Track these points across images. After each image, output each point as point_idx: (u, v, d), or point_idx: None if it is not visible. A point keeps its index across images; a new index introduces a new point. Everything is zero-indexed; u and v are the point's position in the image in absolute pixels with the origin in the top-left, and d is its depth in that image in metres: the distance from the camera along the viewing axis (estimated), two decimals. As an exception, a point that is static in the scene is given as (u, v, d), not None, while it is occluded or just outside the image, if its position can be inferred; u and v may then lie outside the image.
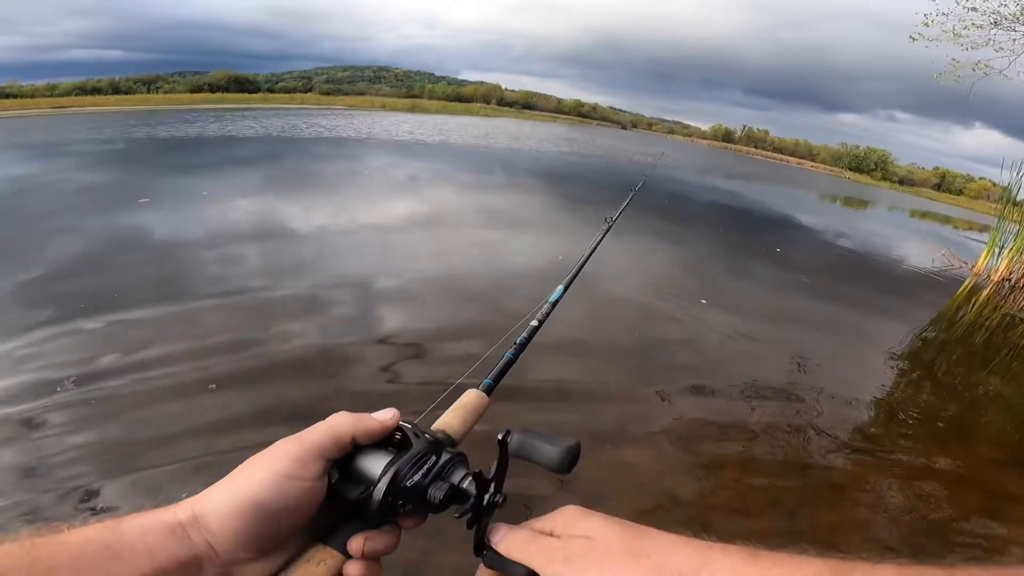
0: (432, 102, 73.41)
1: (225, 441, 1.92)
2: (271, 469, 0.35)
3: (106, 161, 8.63)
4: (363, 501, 0.36)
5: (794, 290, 5.05)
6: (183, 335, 2.66)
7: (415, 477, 0.38)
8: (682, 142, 77.39)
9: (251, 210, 5.48)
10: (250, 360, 2.48)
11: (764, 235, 8.26)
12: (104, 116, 21.23)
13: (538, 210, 7.31)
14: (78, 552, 0.29)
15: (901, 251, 8.76)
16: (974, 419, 2.97)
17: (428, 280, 3.77)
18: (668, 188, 12.20)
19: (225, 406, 2.12)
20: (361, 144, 14.37)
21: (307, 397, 2.24)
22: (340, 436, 0.38)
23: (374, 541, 0.37)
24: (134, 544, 0.31)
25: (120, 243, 4.11)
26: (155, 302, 2.99)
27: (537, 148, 18.91)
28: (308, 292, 3.33)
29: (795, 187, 22.60)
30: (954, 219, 21.06)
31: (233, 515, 0.33)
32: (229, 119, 19.76)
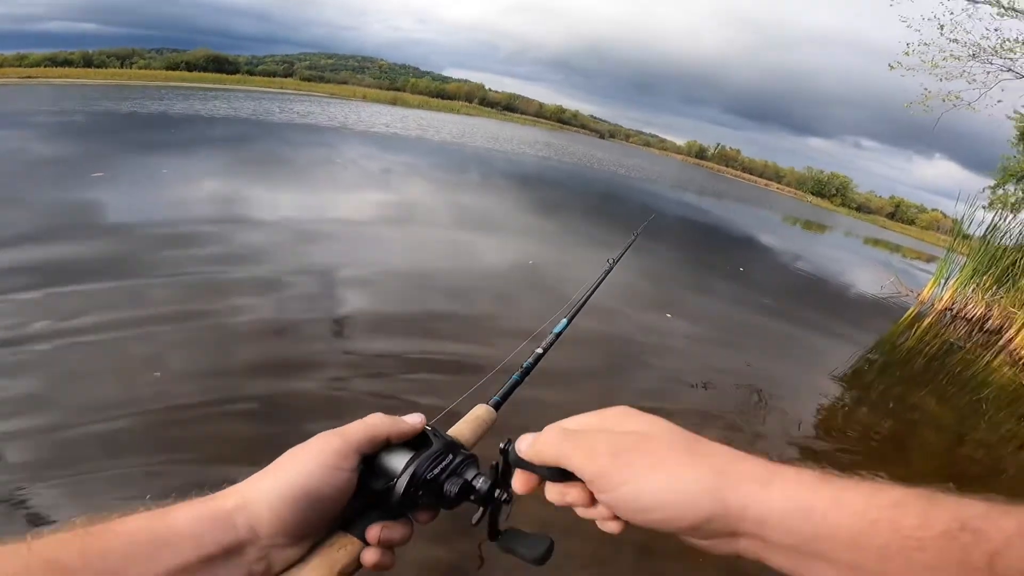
0: (414, 96, 72.61)
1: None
2: (318, 460, 0.37)
3: (62, 134, 8.21)
4: (386, 492, 0.40)
5: (753, 309, 5.25)
6: (120, 307, 2.59)
7: (434, 472, 0.41)
8: (657, 155, 79.08)
9: (202, 193, 5.31)
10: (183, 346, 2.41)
11: (730, 253, 8.57)
12: (70, 88, 20.26)
13: (509, 213, 7.37)
14: (128, 540, 0.31)
15: (853, 277, 9.18)
16: (910, 437, 3.18)
17: (392, 278, 3.75)
18: (642, 200, 12.50)
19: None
20: (334, 133, 14.12)
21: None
22: (376, 434, 0.41)
23: (390, 530, 0.39)
24: (182, 531, 0.32)
25: (66, 216, 3.94)
26: (92, 277, 2.89)
27: (516, 151, 19.00)
28: (256, 277, 3.27)
29: (761, 207, 23.48)
30: (903, 248, 22.27)
31: (283, 501, 0.35)
32: (199, 98, 19.05)
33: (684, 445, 0.34)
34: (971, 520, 0.27)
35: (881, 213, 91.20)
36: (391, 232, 5.10)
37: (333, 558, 0.37)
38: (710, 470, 0.32)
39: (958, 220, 8.22)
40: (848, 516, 0.29)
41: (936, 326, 6.65)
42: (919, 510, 0.28)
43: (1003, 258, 7.05)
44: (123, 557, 0.30)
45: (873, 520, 0.28)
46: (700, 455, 0.33)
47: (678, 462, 0.32)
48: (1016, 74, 9.53)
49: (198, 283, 3.09)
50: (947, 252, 8.09)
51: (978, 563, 0.26)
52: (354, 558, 0.38)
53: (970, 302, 7.40)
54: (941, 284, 7.98)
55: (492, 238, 5.62)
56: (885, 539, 0.28)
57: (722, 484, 0.31)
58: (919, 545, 0.27)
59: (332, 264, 3.78)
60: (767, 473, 0.32)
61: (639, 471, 0.33)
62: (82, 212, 4.13)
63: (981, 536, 0.26)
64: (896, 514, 0.28)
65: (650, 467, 0.33)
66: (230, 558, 0.34)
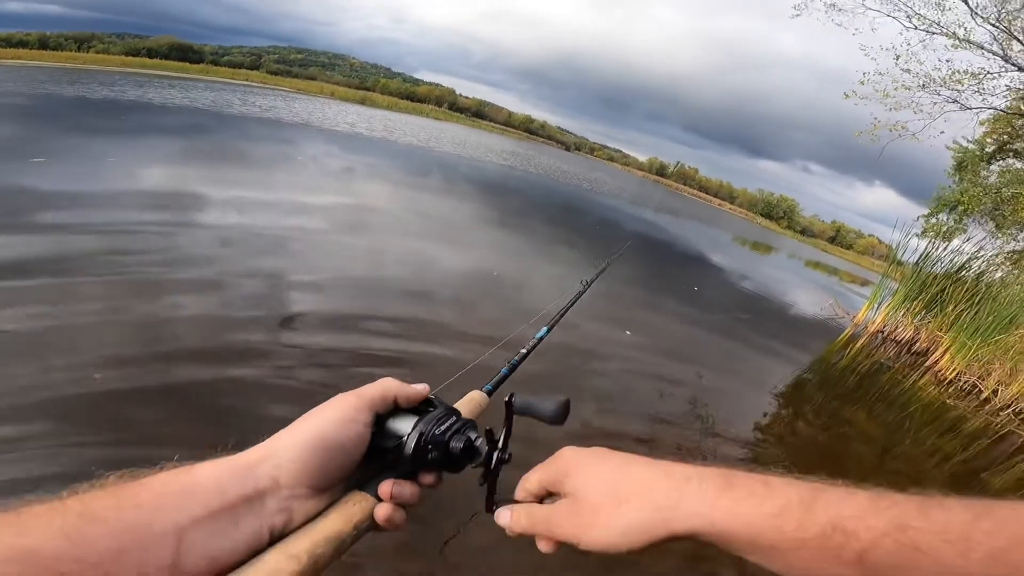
0: (384, 97, 71.64)
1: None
2: (336, 412, 0.41)
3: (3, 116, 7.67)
4: (397, 449, 0.43)
5: (704, 327, 5.44)
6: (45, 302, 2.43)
7: (440, 428, 0.45)
8: (619, 170, 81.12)
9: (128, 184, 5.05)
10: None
11: (685, 270, 8.85)
12: (21, 70, 18.93)
13: (473, 220, 7.36)
14: (158, 491, 0.33)
15: (795, 298, 9.68)
16: (843, 449, 3.39)
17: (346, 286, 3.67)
18: (601, 215, 12.78)
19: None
20: (293, 129, 13.71)
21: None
22: (387, 394, 0.44)
23: (401, 487, 0.43)
24: (207, 484, 0.35)
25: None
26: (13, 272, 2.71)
27: (482, 159, 19.02)
28: (195, 276, 3.13)
29: (715, 227, 24.49)
30: (841, 271, 23.75)
31: (304, 448, 0.39)
32: (155, 86, 18.10)
33: (612, 497, 0.40)
34: (844, 521, 0.32)
35: (823, 237, 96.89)
36: (333, 236, 4.98)
37: (349, 512, 0.40)
38: (631, 516, 0.38)
39: (893, 247, 8.71)
40: (740, 526, 0.35)
41: (868, 347, 7.08)
42: (798, 516, 0.33)
43: (932, 285, 7.55)
44: (154, 508, 0.32)
45: (760, 528, 0.34)
46: (619, 503, 0.39)
47: (607, 518, 0.39)
48: (961, 106, 10.23)
49: (133, 280, 2.92)
50: (882, 277, 8.59)
51: (849, 559, 0.31)
52: (367, 514, 0.41)
53: (900, 325, 7.93)
54: (875, 308, 8.47)
55: (452, 247, 5.58)
56: (772, 540, 0.34)
57: (644, 522, 0.38)
58: (800, 544, 0.33)
59: (268, 264, 3.67)
60: (675, 497, 0.38)
61: (589, 533, 0.40)
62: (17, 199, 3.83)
63: (851, 536, 0.31)
64: (778, 522, 0.34)
65: (592, 528, 0.39)
66: (251, 508, 0.36)
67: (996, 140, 11.94)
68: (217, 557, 0.33)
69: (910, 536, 0.30)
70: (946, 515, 0.30)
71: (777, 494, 0.35)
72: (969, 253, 7.67)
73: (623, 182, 37.95)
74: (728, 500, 0.36)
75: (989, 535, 0.28)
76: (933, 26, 9.85)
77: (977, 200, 11.07)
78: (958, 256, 7.68)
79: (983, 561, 0.28)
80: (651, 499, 0.38)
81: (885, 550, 0.30)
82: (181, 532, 0.32)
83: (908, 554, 0.30)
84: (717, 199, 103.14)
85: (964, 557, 0.28)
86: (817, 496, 0.34)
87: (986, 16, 9.30)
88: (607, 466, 0.42)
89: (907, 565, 0.30)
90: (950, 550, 0.29)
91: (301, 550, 0.36)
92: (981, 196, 11.12)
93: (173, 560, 0.31)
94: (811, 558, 0.32)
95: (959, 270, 7.56)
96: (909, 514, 0.31)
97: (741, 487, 0.36)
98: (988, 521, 0.29)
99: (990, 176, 12.03)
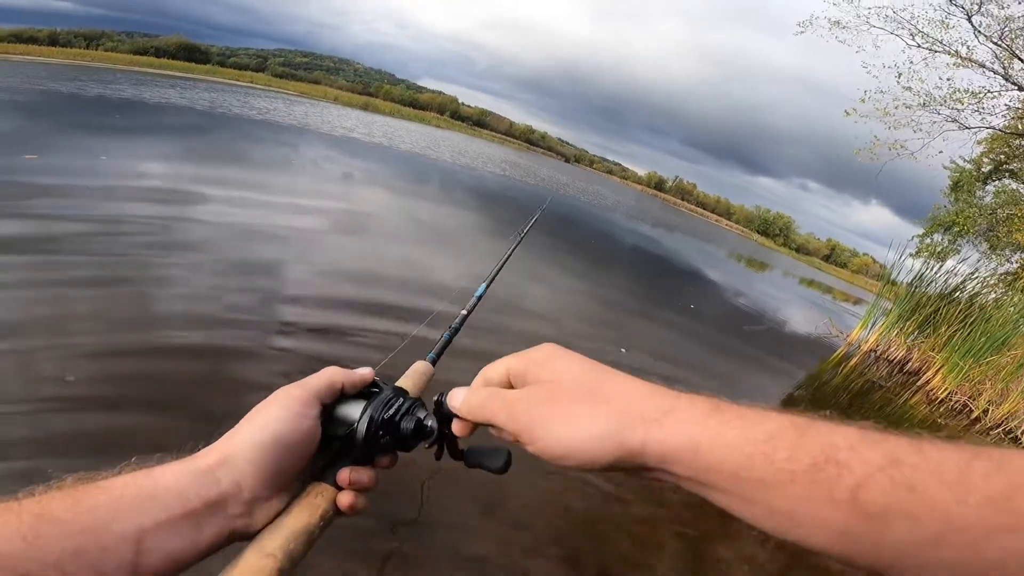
0: (386, 103, 72.11)
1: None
2: (285, 408, 0.40)
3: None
4: (349, 437, 0.43)
5: (699, 342, 5.45)
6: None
7: (389, 412, 0.45)
8: (617, 183, 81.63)
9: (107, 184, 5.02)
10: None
11: (681, 286, 8.85)
12: (26, 66, 19.10)
13: (460, 225, 7.36)
14: (116, 495, 0.32)
15: (789, 315, 9.72)
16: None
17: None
18: (599, 228, 12.83)
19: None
20: (292, 132, 13.75)
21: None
22: (333, 383, 0.44)
23: (358, 473, 0.42)
24: (167, 487, 0.34)
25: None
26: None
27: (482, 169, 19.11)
28: (178, 271, 3.10)
29: (711, 243, 24.63)
30: (835, 290, 23.87)
31: (256, 449, 0.38)
32: (159, 86, 18.17)
33: (589, 393, 0.35)
34: (837, 452, 0.29)
35: (818, 255, 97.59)
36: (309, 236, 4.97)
37: (313, 504, 0.40)
38: (609, 416, 0.34)
39: (887, 267, 8.76)
40: (728, 450, 0.31)
41: (861, 366, 7.10)
42: (789, 443, 0.30)
43: (926, 305, 7.59)
44: (111, 511, 0.31)
45: (749, 454, 0.30)
46: (601, 402, 0.35)
47: (581, 413, 0.35)
48: (960, 125, 10.30)
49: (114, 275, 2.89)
50: (876, 298, 8.66)
51: (841, 496, 0.27)
52: (331, 503, 0.41)
53: (893, 345, 7.96)
54: (869, 327, 8.53)
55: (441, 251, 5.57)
56: (761, 472, 0.30)
57: (621, 428, 0.33)
58: (791, 478, 0.29)
59: (244, 258, 3.64)
60: (661, 411, 0.33)
61: (552, 425, 0.35)
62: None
63: (845, 469, 0.28)
64: (769, 448, 0.30)
65: (559, 421, 0.35)
66: (214, 512, 0.36)
67: (993, 160, 12.02)
68: (178, 558, 0.33)
69: (904, 473, 0.27)
70: (940, 454, 0.27)
71: (768, 419, 0.31)
72: (963, 274, 7.73)
73: (621, 196, 38.19)
74: (717, 423, 0.32)
75: (986, 478, 0.25)
76: (936, 44, 9.94)
77: (972, 221, 11.14)
78: (952, 277, 7.73)
79: (982, 506, 0.25)
80: (637, 406, 0.34)
81: (879, 488, 0.27)
82: (141, 534, 0.32)
83: (902, 495, 0.27)
84: (715, 215, 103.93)
85: (962, 502, 0.25)
86: (809, 424, 0.31)
87: (989, 35, 9.41)
88: (593, 364, 0.39)
89: (901, 508, 0.26)
90: (946, 493, 0.26)
91: (275, 547, 0.36)
92: (976, 217, 11.19)
93: (133, 561, 0.31)
94: (800, 496, 0.29)
95: (953, 291, 7.60)
96: (902, 449, 0.28)
97: (730, 411, 0.32)
98: (984, 462, 0.26)
99: (985, 196, 12.11)
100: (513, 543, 1.78)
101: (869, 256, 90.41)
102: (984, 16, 9.30)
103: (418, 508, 1.76)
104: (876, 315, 8.46)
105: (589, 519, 2.05)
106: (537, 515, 1.97)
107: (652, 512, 2.22)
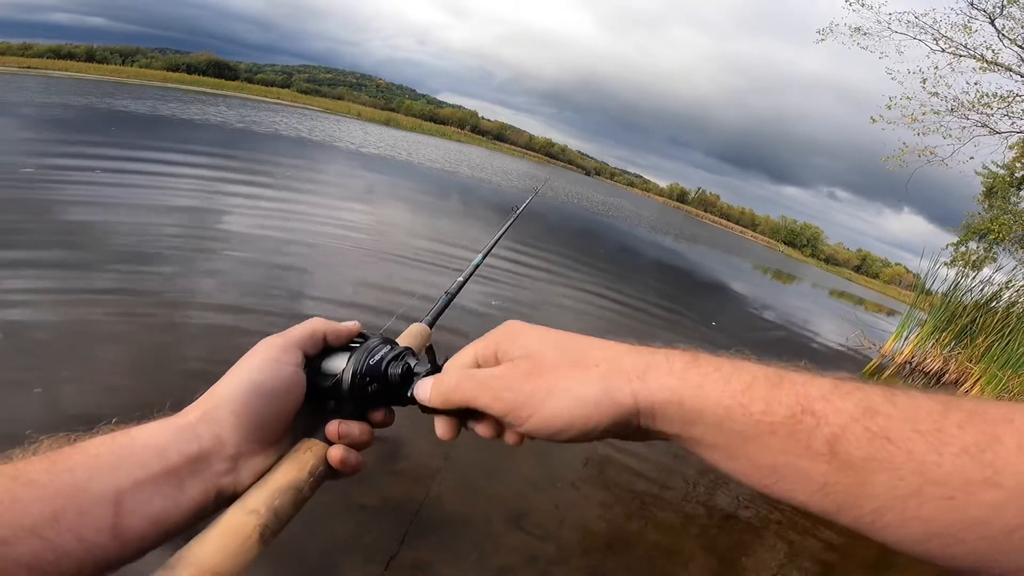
0: (408, 119, 73.59)
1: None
2: (263, 356, 0.39)
3: (24, 126, 7.98)
4: (335, 387, 0.42)
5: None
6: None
7: (375, 358, 0.43)
8: (639, 196, 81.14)
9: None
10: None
11: (703, 300, 8.71)
12: (63, 81, 20.18)
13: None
14: (93, 454, 0.31)
15: (819, 327, 9.43)
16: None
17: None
18: (621, 241, 12.79)
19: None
20: (317, 147, 14.15)
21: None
22: (315, 332, 0.43)
23: (347, 426, 0.40)
24: (146, 443, 0.33)
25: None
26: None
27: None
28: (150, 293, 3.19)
29: (735, 255, 24.22)
30: (866, 301, 23.07)
31: (235, 399, 0.37)
32: (198, 102, 18.93)
33: (571, 360, 0.35)
34: (812, 403, 0.28)
35: (848, 265, 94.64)
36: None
37: (302, 459, 0.39)
38: (598, 379, 0.33)
39: (921, 277, 8.46)
40: (708, 402, 0.31)
41: (895, 378, 6.87)
42: (764, 394, 0.30)
43: (962, 316, 7.33)
44: (88, 471, 0.30)
45: (728, 406, 0.30)
46: (585, 366, 0.34)
47: (570, 381, 0.34)
48: (990, 130, 9.92)
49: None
50: (909, 308, 8.35)
51: (819, 448, 0.27)
52: (321, 458, 0.39)
53: (929, 356, 7.69)
54: (902, 338, 8.23)
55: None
56: (741, 424, 0.30)
57: (610, 389, 0.33)
58: (770, 429, 0.29)
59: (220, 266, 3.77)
60: (643, 366, 0.33)
61: (541, 400, 0.34)
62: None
63: (821, 420, 0.28)
64: (745, 399, 0.30)
65: (549, 393, 0.34)
66: (197, 469, 0.34)
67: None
68: (161, 520, 0.32)
69: (879, 423, 0.26)
70: (913, 403, 0.27)
71: (743, 371, 0.31)
72: (999, 283, 7.46)
73: (642, 208, 37.96)
74: (696, 374, 0.32)
75: (961, 428, 0.25)
76: (960, 48, 9.68)
77: (1008, 227, 10.73)
78: (988, 286, 7.47)
79: (958, 457, 0.25)
80: (620, 366, 0.34)
81: (856, 438, 0.26)
82: (120, 495, 0.30)
83: (879, 444, 0.26)
84: (739, 226, 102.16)
85: (938, 452, 0.25)
86: (783, 376, 0.31)
87: (1013, 37, 9.18)
88: (567, 334, 0.38)
89: (879, 458, 0.26)
90: (922, 443, 0.25)
91: (259, 503, 0.35)
92: (1011, 223, 10.79)
93: (113, 523, 0.30)
94: (781, 448, 0.28)
95: (989, 300, 7.34)
96: (875, 399, 0.28)
97: (708, 363, 0.33)
98: (959, 413, 0.26)
99: (1020, 202, 11.66)
100: (539, 554, 1.79)
101: (902, 266, 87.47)
102: (1007, 19, 9.08)
103: (443, 519, 1.78)
104: (910, 326, 8.17)
105: (614, 529, 2.06)
106: (562, 525, 1.97)
107: (678, 522, 2.21)
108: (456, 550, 1.69)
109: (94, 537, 0.29)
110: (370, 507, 1.75)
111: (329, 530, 1.60)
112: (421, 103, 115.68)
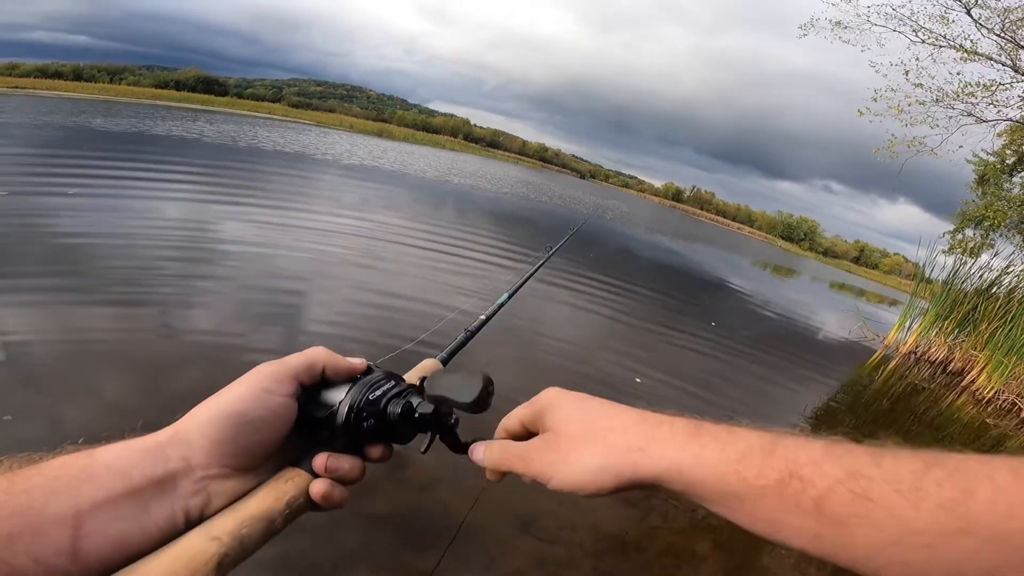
0: (400, 129, 73.84)
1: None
2: (251, 384, 0.39)
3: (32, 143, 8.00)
4: (329, 419, 0.40)
5: (720, 361, 5.28)
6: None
7: (375, 394, 0.42)
8: (634, 196, 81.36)
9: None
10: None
11: (702, 300, 8.59)
12: (48, 100, 20.04)
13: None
14: (53, 476, 0.31)
15: (821, 321, 9.38)
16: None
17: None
18: (617, 242, 12.80)
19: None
20: (307, 162, 14.18)
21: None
22: (313, 363, 0.42)
23: (337, 460, 0.40)
24: (108, 465, 0.32)
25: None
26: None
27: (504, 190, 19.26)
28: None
29: (733, 252, 24.22)
30: (867, 292, 23.10)
31: (211, 424, 0.36)
32: (212, 122, 18.97)
33: (583, 435, 0.40)
34: (801, 468, 0.32)
35: (846, 257, 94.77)
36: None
37: (280, 489, 0.37)
38: (601, 453, 0.38)
39: (920, 265, 8.52)
40: (706, 470, 0.35)
41: (901, 368, 6.86)
42: (758, 461, 0.34)
43: (964, 303, 7.34)
44: (46, 492, 0.30)
45: (724, 473, 0.34)
46: (596, 440, 0.39)
47: (580, 453, 0.39)
48: (977, 118, 10.02)
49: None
50: (910, 298, 8.37)
51: (807, 507, 0.31)
52: (302, 490, 0.38)
53: (933, 345, 7.69)
54: (905, 328, 8.23)
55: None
56: (736, 487, 0.34)
57: (613, 460, 0.38)
58: (763, 492, 0.33)
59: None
60: (647, 439, 0.38)
61: (558, 468, 0.40)
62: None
63: (807, 483, 0.31)
64: (740, 467, 0.34)
65: (563, 463, 0.40)
66: (162, 491, 0.34)
67: (1016, 151, 11.64)
68: (125, 542, 0.31)
69: (862, 485, 0.30)
70: (897, 464, 0.30)
71: (740, 440, 0.35)
72: (999, 269, 7.47)
73: (638, 208, 37.99)
74: (695, 446, 0.36)
75: (939, 485, 0.28)
76: (939, 39, 9.78)
77: (1003, 214, 10.76)
78: (988, 272, 7.49)
79: (934, 512, 0.28)
80: (625, 439, 0.38)
81: (839, 499, 0.30)
82: (79, 517, 0.30)
83: (860, 503, 0.30)
84: (736, 223, 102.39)
85: (915, 508, 0.28)
86: (776, 443, 0.34)
87: (991, 27, 9.25)
88: (588, 405, 0.42)
89: (861, 515, 0.29)
90: (901, 500, 0.29)
91: (224, 530, 0.33)
92: (1006, 209, 10.81)
93: (72, 545, 0.29)
94: (774, 508, 0.32)
95: (990, 287, 7.36)
96: (862, 462, 0.31)
97: (707, 434, 0.37)
98: (939, 471, 0.29)
99: (1013, 188, 11.70)
100: (548, 558, 1.79)
101: (901, 255, 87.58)
102: (983, 9, 9.16)
103: (451, 525, 1.77)
104: (912, 315, 8.20)
105: (624, 532, 2.05)
106: (572, 530, 1.97)
107: (689, 524, 2.20)
108: (464, 556, 1.68)
109: (52, 559, 0.28)
110: (378, 516, 1.74)
111: (337, 539, 1.59)
112: (413, 113, 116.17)
